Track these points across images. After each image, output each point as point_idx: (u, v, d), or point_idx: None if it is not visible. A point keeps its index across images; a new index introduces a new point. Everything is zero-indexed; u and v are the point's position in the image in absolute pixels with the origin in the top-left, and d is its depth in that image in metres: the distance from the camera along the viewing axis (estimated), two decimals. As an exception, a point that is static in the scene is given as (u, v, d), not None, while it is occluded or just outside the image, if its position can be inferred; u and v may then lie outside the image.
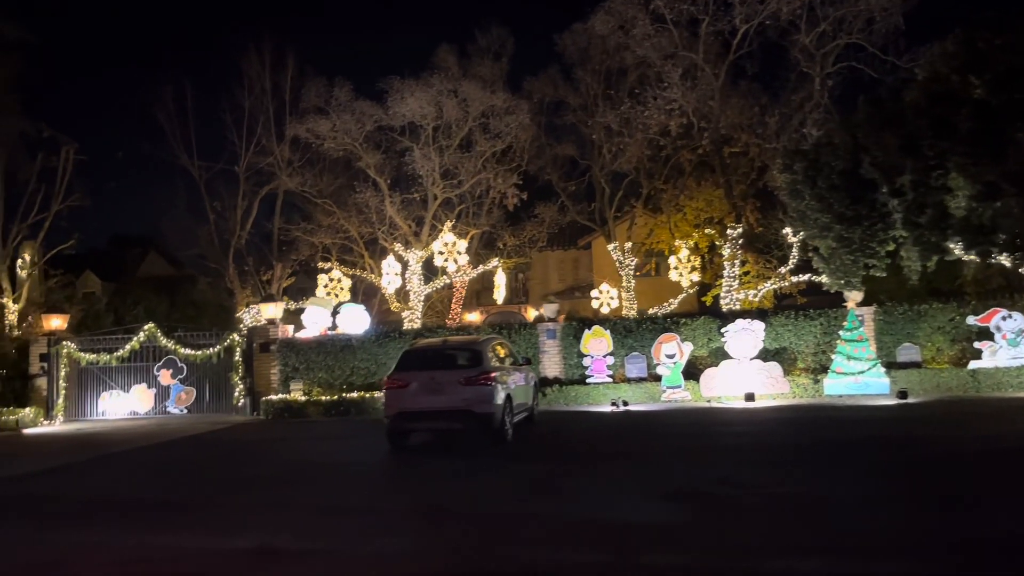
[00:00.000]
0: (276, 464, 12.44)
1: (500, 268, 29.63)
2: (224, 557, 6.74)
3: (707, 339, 19.39)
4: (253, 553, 6.84)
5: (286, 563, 6.57)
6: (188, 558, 6.79)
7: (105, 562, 6.71)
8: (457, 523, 7.69)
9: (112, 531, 7.85)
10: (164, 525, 8.02)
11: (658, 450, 12.22)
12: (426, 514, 8.18)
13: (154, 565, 6.64)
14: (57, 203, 29.00)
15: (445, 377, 12.72)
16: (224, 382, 21.25)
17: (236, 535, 7.50)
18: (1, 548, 7.45)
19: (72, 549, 7.20)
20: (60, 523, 8.36)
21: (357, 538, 7.29)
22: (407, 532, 7.41)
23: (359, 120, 27.70)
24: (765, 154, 26.43)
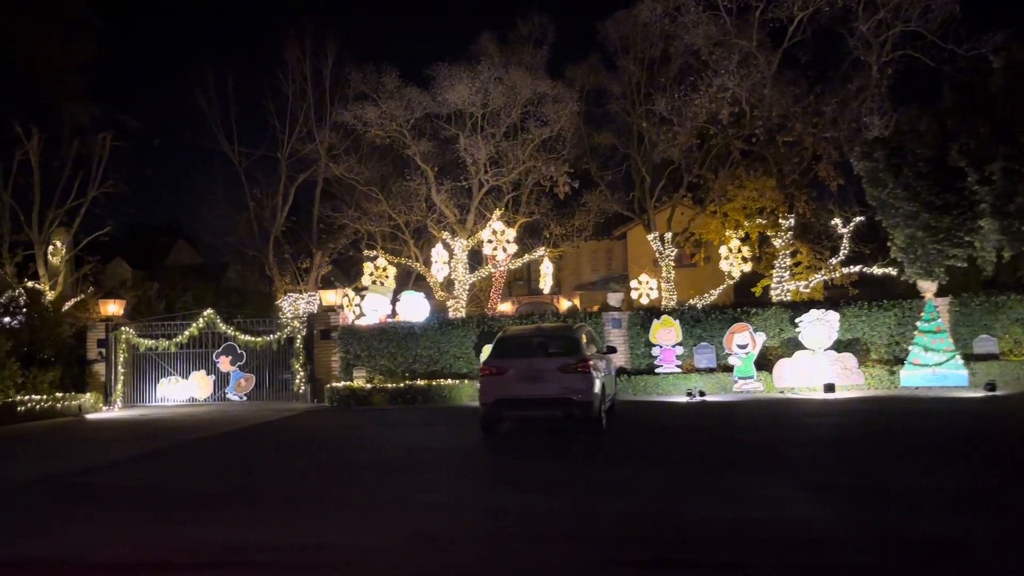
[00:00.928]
0: (375, 451, 12.20)
1: (547, 257, 29.42)
2: (382, 549, 6.49)
3: (778, 329, 19.13)
4: (413, 539, 6.63)
5: (450, 552, 6.35)
6: (346, 551, 6.54)
7: (273, 562, 6.48)
8: (629, 518, 7.42)
9: (261, 527, 7.55)
10: (307, 519, 7.70)
11: (768, 440, 11.98)
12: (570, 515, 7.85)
13: (329, 553, 6.42)
14: (93, 189, 28.91)
15: (544, 365, 12.51)
16: (283, 369, 21.09)
17: (384, 525, 7.25)
18: (135, 539, 7.23)
19: (228, 547, 6.79)
20: (198, 516, 8.14)
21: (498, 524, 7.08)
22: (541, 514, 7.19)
23: (408, 107, 27.44)
24: (819, 143, 26.11)
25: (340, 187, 33.38)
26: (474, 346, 20.18)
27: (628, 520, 7.02)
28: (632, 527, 6.79)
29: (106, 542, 6.88)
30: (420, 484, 9.20)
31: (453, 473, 10.11)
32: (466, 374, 20.06)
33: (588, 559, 5.98)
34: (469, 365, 20.17)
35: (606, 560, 5.92)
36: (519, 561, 5.95)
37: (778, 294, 26.17)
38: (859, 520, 6.84)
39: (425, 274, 29.65)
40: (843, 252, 26.88)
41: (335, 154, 30.67)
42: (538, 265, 30.40)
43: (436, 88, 27.76)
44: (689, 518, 7.07)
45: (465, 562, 6.04)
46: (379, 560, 6.13)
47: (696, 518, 7.06)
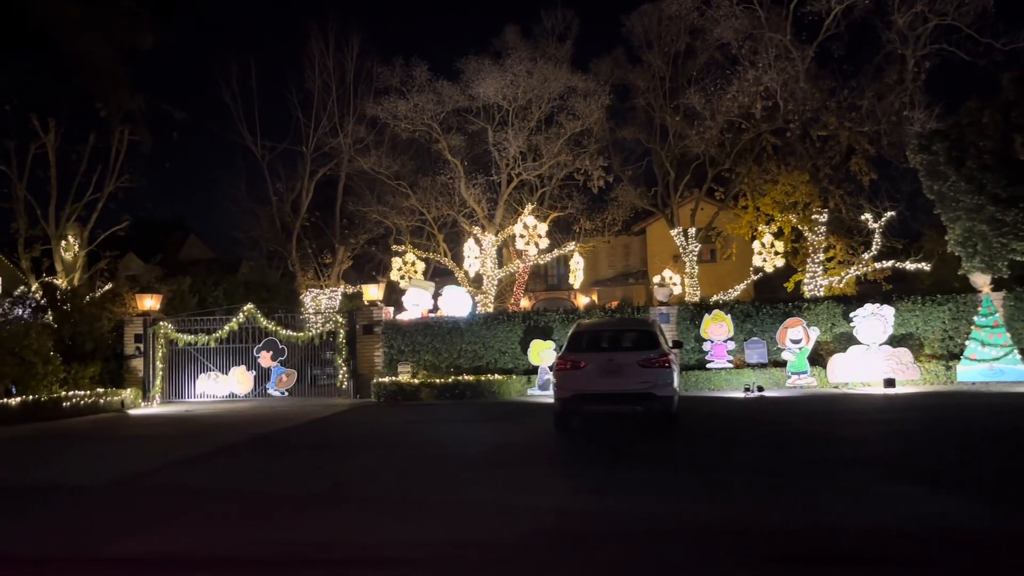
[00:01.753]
0: (445, 447, 11.93)
1: (577, 252, 29.22)
2: (517, 546, 6.26)
3: (830, 324, 18.96)
4: (546, 536, 6.41)
5: (594, 549, 6.12)
6: (473, 548, 6.30)
7: (401, 559, 6.26)
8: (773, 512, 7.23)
9: (368, 526, 7.23)
10: (415, 517, 7.42)
11: (851, 435, 11.80)
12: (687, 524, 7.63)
13: (459, 550, 6.19)
14: (111, 183, 28.63)
15: (624, 359, 12.29)
16: (325, 365, 20.88)
17: (500, 523, 6.99)
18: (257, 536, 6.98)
19: (345, 544, 6.61)
20: (295, 515, 7.88)
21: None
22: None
23: (440, 101, 27.21)
24: (854, 137, 25.97)
25: (362, 182, 33.19)
26: (520, 341, 19.96)
27: (753, 517, 6.74)
28: (762, 524, 6.52)
29: (222, 540, 6.65)
30: (513, 481, 8.90)
31: (542, 470, 9.79)
32: (511, 369, 19.88)
33: (741, 556, 5.74)
34: (515, 361, 19.97)
35: (766, 557, 5.69)
36: (668, 559, 5.72)
37: (811, 289, 26.04)
38: (979, 513, 6.67)
39: (453, 269, 29.46)
40: (875, 247, 26.78)
41: (360, 148, 30.43)
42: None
43: (466, 81, 27.59)
44: (817, 514, 6.80)
45: (614, 559, 5.79)
46: (520, 558, 5.88)
47: (824, 514, 6.81)
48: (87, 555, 6.34)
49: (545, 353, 19.22)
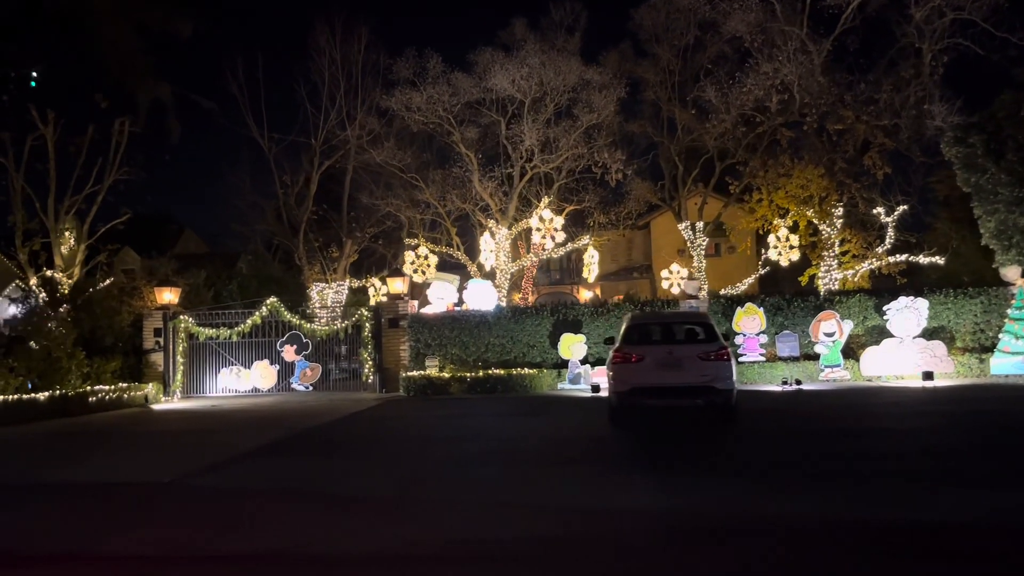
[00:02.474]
0: (498, 441, 11.66)
1: (591, 245, 29.08)
2: (637, 547, 6.12)
3: (862, 317, 18.95)
4: (659, 534, 6.27)
5: (709, 548, 5.98)
6: (590, 544, 6.17)
7: (522, 555, 6.09)
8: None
9: (464, 522, 7.10)
10: (500, 513, 7.30)
11: (910, 427, 11.73)
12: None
13: (573, 547, 6.03)
14: (112, 175, 28.12)
15: (683, 352, 12.16)
16: (351, 358, 20.65)
17: (597, 518, 6.86)
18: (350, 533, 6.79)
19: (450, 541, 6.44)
20: (377, 513, 7.67)
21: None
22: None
23: (455, 92, 26.96)
24: (871, 131, 25.99)
25: (367, 175, 32.88)
26: (548, 335, 19.81)
27: (857, 513, 6.61)
28: (880, 520, 6.39)
29: (317, 538, 6.45)
30: (586, 479, 8.67)
31: (610, 466, 9.50)
32: (539, 363, 19.72)
33: (892, 550, 5.62)
34: (543, 355, 19.81)
35: (918, 554, 5.57)
36: (790, 558, 5.56)
37: (826, 283, 26.05)
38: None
39: (466, 263, 29.24)
40: (889, 241, 26.84)
41: (370, 139, 30.04)
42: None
43: (480, 73, 27.35)
44: (916, 509, 6.69)
45: (762, 557, 5.63)
46: (640, 557, 5.72)
47: (926, 508, 6.71)
48: (206, 553, 6.15)
49: (576, 347, 19.07)
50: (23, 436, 13.88)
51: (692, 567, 5.43)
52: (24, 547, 6.57)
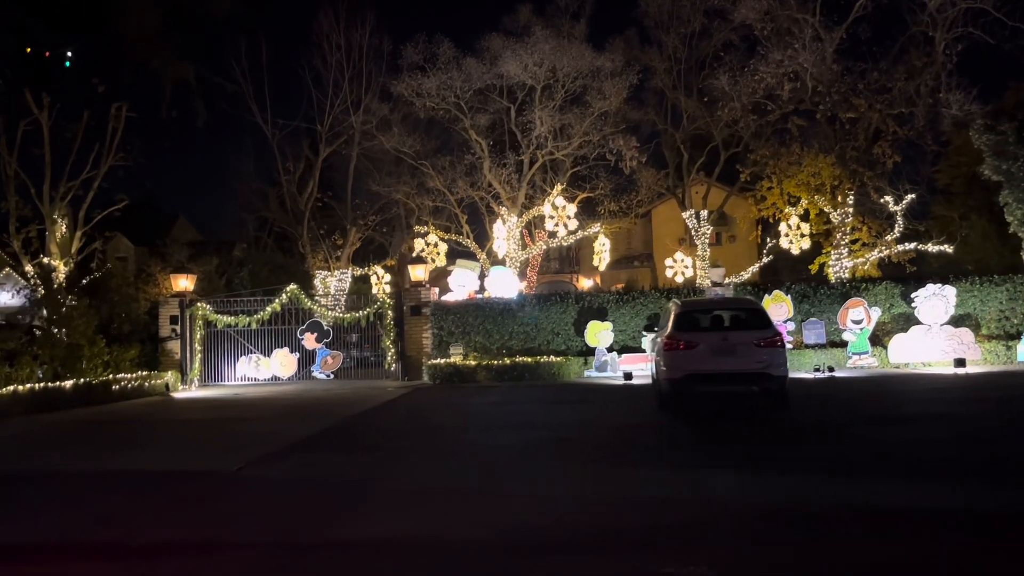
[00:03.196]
0: (558, 428, 11.58)
1: (602, 233, 28.98)
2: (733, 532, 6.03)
3: (888, 304, 18.97)
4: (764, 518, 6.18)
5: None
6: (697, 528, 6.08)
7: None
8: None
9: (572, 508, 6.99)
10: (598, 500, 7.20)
11: (962, 413, 11.74)
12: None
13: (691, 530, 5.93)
14: (108, 161, 27.60)
15: (738, 338, 12.07)
16: (371, 347, 20.45)
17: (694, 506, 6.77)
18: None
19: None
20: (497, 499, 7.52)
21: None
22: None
23: (468, 77, 26.70)
24: (883, 119, 26.04)
25: (370, 162, 32.60)
26: (573, 323, 19.69)
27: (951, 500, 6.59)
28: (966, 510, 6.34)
29: (422, 525, 6.33)
30: (660, 463, 8.61)
31: (676, 452, 9.43)
32: (563, 351, 19.60)
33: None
34: (568, 342, 19.70)
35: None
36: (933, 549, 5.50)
37: (836, 271, 26.12)
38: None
39: (476, 251, 29.06)
40: (898, 229, 26.94)
41: (378, 124, 29.70)
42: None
43: (490, 59, 27.11)
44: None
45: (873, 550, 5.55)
46: (770, 542, 5.62)
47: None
48: (317, 541, 5.98)
49: (602, 335, 18.97)
50: (58, 424, 13.58)
51: (840, 555, 5.33)
52: (141, 536, 6.39)
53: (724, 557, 5.29)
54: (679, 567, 5.09)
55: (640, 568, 5.18)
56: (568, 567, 5.30)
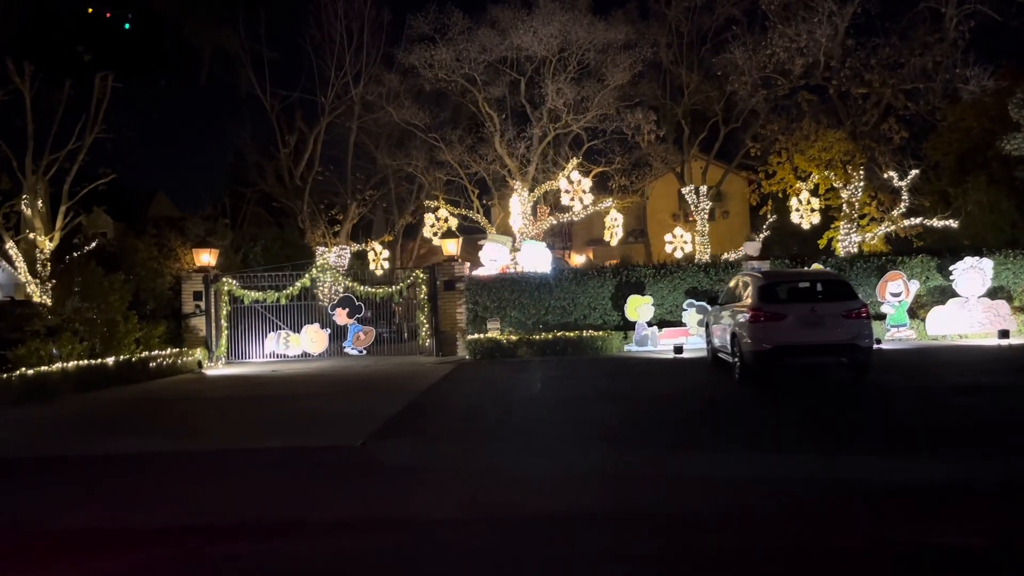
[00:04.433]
0: (649, 402, 11.57)
1: (614, 208, 28.85)
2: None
3: (925, 277, 19.16)
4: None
5: None
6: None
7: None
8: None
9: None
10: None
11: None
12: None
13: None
14: (93, 133, 26.67)
15: (827, 310, 12.03)
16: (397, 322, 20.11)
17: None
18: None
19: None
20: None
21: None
22: None
23: (484, 49, 26.24)
24: (896, 96, 26.25)
25: (368, 136, 32.09)
26: (611, 297, 19.56)
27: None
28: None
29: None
30: (774, 439, 8.57)
31: (794, 429, 9.41)
32: (600, 326, 19.48)
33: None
34: (604, 317, 19.58)
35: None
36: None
37: (845, 246, 26.38)
38: None
39: (486, 226, 28.77)
40: (903, 204, 27.25)
41: (384, 97, 29.13)
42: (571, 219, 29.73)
43: (500, 30, 26.67)
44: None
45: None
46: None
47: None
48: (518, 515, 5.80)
49: (643, 309, 18.87)
50: (119, 402, 13.11)
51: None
52: (321, 512, 6.14)
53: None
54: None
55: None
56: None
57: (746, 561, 4.77)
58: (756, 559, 4.79)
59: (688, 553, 4.94)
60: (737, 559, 4.80)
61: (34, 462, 8.58)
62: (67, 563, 5.17)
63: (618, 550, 5.03)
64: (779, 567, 4.68)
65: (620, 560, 4.83)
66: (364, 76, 29.83)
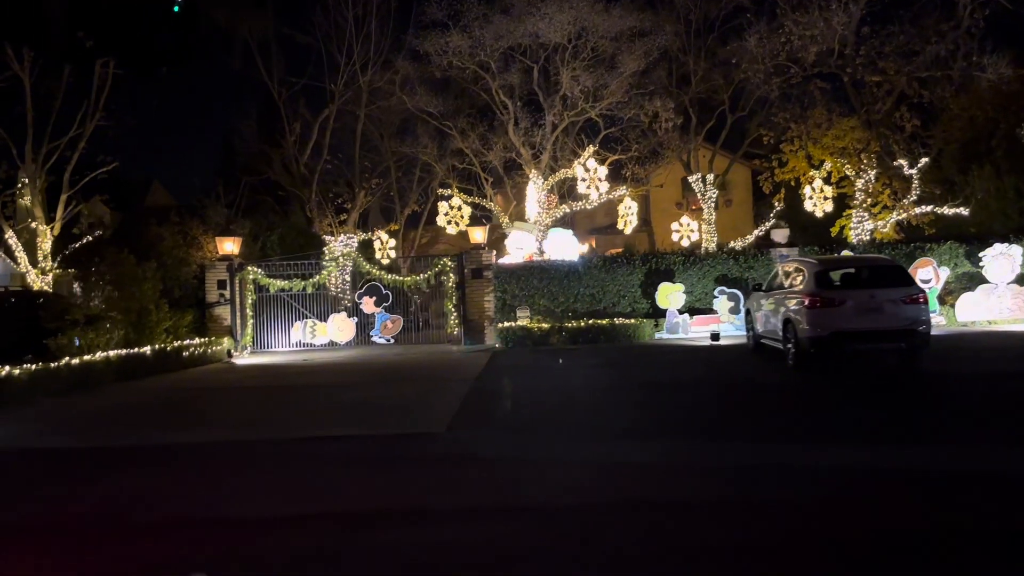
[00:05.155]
0: (740, 386, 11.56)
1: (628, 196, 28.75)
2: None
3: (953, 264, 19.25)
4: None
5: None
6: None
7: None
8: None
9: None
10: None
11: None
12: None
13: None
14: (94, 121, 26.26)
15: (886, 295, 12.02)
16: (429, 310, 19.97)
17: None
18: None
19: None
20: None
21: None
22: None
23: (500, 35, 26.03)
24: (910, 83, 26.33)
25: (373, 124, 31.86)
26: (640, 284, 19.51)
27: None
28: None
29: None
30: (857, 423, 8.60)
31: (856, 411, 9.43)
32: (629, 313, 19.42)
33: None
34: (633, 304, 19.53)
35: None
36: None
37: (858, 234, 26.45)
38: None
39: (499, 215, 28.60)
40: (915, 192, 27.37)
41: (397, 85, 28.88)
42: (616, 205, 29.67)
43: (516, 15, 26.45)
44: None
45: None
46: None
47: None
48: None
49: (673, 296, 18.84)
50: (167, 392, 12.94)
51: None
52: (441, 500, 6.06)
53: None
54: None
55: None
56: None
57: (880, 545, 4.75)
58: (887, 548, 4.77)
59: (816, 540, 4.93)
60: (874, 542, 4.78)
61: (117, 452, 8.42)
62: (221, 547, 5.07)
63: (744, 535, 5.05)
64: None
65: (744, 549, 4.81)
66: (373, 63, 29.55)
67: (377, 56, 29.71)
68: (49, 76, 25.70)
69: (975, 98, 26.43)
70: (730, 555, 4.68)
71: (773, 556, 4.65)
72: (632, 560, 4.65)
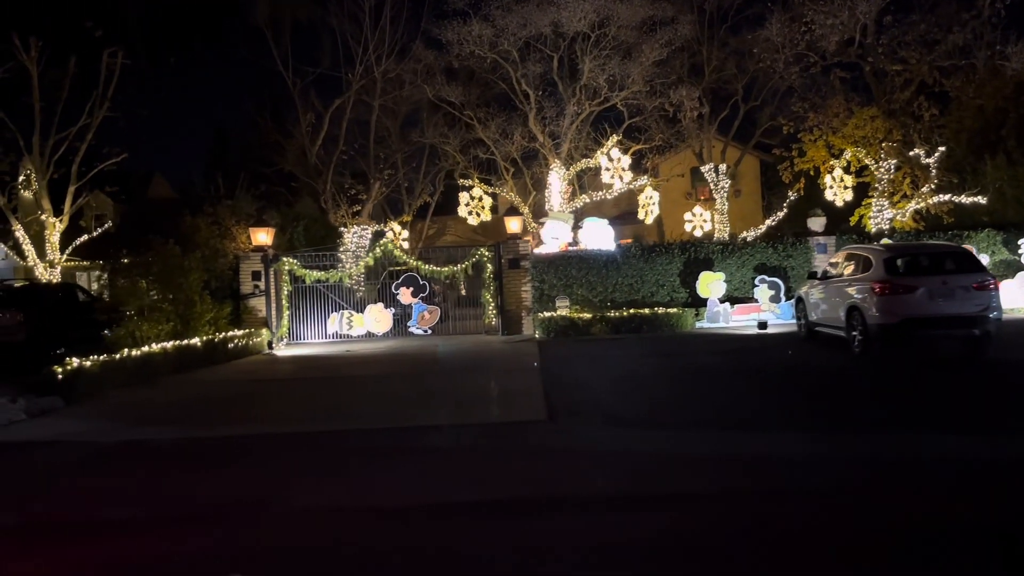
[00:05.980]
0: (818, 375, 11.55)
1: (649, 186, 28.71)
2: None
3: (991, 251, 19.34)
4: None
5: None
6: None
7: None
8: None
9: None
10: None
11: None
12: None
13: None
14: (102, 112, 25.92)
15: (958, 281, 12.02)
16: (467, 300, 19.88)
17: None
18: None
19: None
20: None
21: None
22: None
23: (525, 24, 25.89)
24: (932, 73, 26.44)
25: (386, 115, 31.62)
26: (679, 274, 19.47)
27: None
28: None
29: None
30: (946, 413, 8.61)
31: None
32: (668, 303, 19.37)
33: None
34: (672, 293, 19.49)
35: None
36: None
37: (877, 223, 26.56)
38: None
39: (519, 205, 28.51)
40: (933, 181, 27.50)
41: (419, 74, 28.64)
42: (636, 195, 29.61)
43: (535, 4, 26.32)
44: None
45: None
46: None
47: None
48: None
49: (714, 285, 18.82)
50: (230, 384, 12.79)
51: None
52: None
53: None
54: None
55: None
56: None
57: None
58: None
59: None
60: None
61: (217, 443, 8.30)
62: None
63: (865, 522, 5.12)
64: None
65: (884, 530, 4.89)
66: (388, 53, 29.27)
67: (392, 46, 29.44)
68: (56, 65, 25.32)
69: (999, 86, 26.49)
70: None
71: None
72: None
